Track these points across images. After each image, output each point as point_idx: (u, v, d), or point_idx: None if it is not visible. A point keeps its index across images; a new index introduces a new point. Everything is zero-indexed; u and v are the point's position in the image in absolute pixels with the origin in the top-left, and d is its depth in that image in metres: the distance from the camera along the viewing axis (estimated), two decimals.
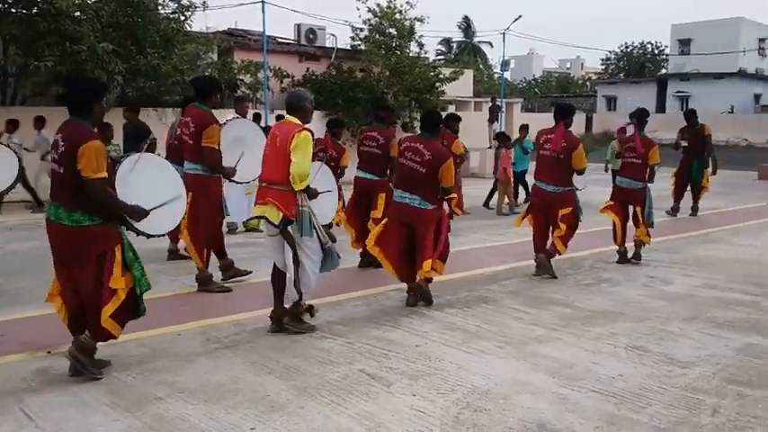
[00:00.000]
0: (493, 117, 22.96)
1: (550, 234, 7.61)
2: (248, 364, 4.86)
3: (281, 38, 21.50)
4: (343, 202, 8.40)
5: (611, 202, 8.51)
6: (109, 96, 14.62)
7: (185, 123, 6.65)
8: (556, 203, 7.45)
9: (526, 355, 5.06)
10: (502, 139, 13.82)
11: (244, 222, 9.54)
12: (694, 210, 12.82)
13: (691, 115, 12.91)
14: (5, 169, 7.44)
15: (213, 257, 6.97)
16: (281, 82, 18.86)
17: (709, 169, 12.84)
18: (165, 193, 4.81)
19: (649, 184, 8.40)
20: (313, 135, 5.31)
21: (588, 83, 60.35)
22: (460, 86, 24.22)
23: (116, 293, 4.35)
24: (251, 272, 7.26)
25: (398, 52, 19.87)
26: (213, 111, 6.63)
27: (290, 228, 5.26)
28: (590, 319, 5.99)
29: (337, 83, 19.39)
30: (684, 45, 48.00)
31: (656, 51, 56.11)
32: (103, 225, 4.34)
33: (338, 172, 8.32)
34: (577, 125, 34.87)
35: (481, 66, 56.40)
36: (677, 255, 8.92)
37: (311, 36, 21.20)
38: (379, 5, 20.16)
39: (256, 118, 13.76)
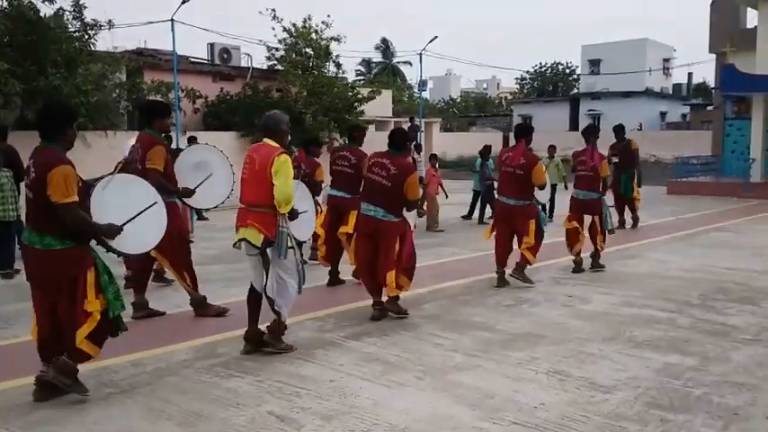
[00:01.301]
0: (412, 137, 22.96)
1: (517, 247, 7.99)
2: (145, 410, 4.43)
3: (193, 58, 20.94)
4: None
5: (570, 214, 8.98)
6: (7, 118, 13.79)
7: (136, 149, 6.56)
8: (519, 216, 7.83)
9: (446, 385, 4.83)
10: (432, 158, 14.98)
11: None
12: (635, 221, 13.38)
13: (619, 131, 13.33)
14: None
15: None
16: (194, 102, 18.26)
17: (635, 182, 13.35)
18: (138, 206, 4.79)
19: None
20: (291, 156, 5.44)
21: (504, 102, 61.81)
22: (380, 106, 24.21)
23: (91, 315, 4.40)
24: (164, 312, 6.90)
25: (316, 72, 19.64)
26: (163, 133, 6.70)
27: (268, 250, 5.31)
28: (510, 342, 5.83)
29: (253, 103, 18.94)
30: (594, 65, 49.80)
31: (568, 71, 58.03)
32: (75, 249, 4.38)
33: (315, 187, 8.49)
34: (495, 144, 35.48)
35: (401, 85, 56.95)
36: (594, 272, 8.92)
37: (225, 56, 20.72)
38: (294, 25, 19.92)
39: (192, 140, 13.26)
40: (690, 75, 51.19)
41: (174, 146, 12.57)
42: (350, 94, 19.97)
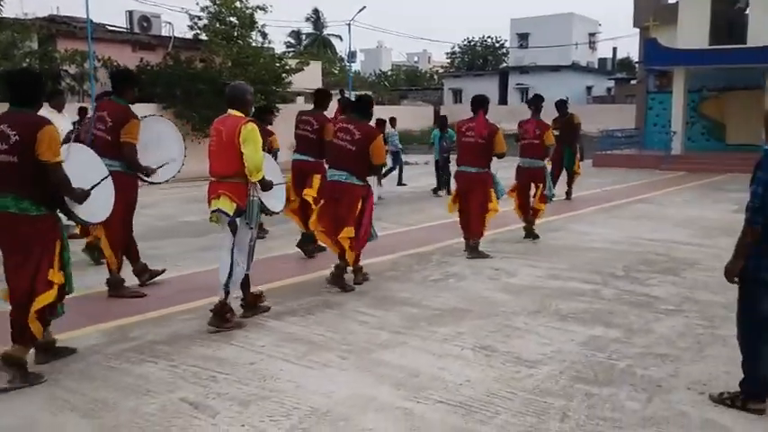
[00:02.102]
0: (342, 109, 22.60)
1: (476, 215, 8.12)
2: (48, 400, 4.13)
3: (111, 26, 19.97)
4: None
5: (516, 183, 9.30)
6: None
7: (100, 118, 6.31)
8: (479, 184, 8.06)
9: (370, 364, 4.67)
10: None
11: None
12: (569, 194, 13.60)
13: (561, 105, 13.38)
14: None
15: None
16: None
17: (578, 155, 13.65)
18: (92, 175, 4.91)
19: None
20: (259, 126, 5.45)
21: (436, 76, 61.84)
22: (309, 78, 23.71)
23: (51, 287, 4.37)
24: (164, 269, 7.08)
25: (241, 42, 19.01)
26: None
27: (237, 219, 5.33)
28: (437, 318, 5.72)
29: (175, 73, 18.20)
30: (523, 39, 50.36)
31: (497, 45, 58.45)
32: (48, 216, 4.41)
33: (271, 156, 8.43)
34: (426, 118, 35.46)
35: (332, 58, 56.18)
36: (521, 245, 8.95)
37: (145, 24, 19.86)
38: None
39: (82, 112, 12.51)
40: (614, 49, 52.59)
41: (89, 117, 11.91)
42: (277, 65, 19.43)
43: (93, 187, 4.77)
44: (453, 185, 10.71)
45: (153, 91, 17.78)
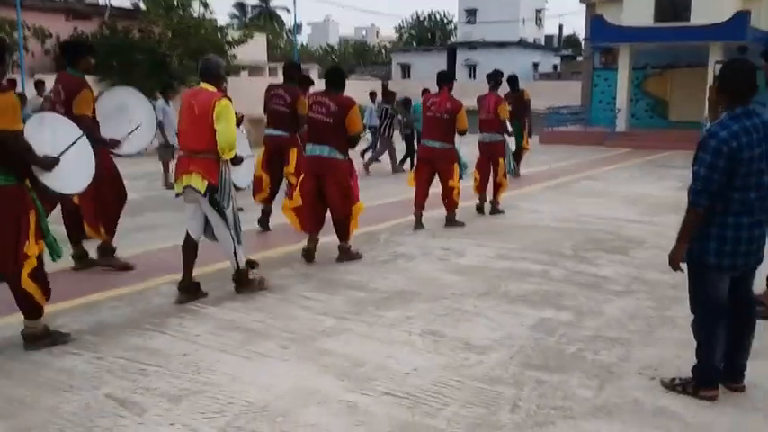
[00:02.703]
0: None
1: (441, 195, 8.36)
2: None
3: None
4: None
5: (480, 158, 9.38)
6: None
7: (56, 91, 6.02)
8: (441, 160, 8.15)
9: (313, 353, 4.43)
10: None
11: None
12: (517, 171, 13.29)
13: (512, 81, 13.21)
14: None
15: None
16: (43, 43, 16.54)
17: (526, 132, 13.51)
18: (66, 142, 4.84)
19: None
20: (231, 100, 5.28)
21: (384, 51, 61.34)
22: (254, 51, 23.10)
23: (28, 259, 4.30)
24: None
25: (181, 12, 18.28)
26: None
27: (216, 196, 5.25)
28: (384, 302, 5.50)
29: (111, 44, 17.39)
30: (471, 15, 50.18)
31: (445, 20, 58.23)
32: (18, 186, 4.30)
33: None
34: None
35: (278, 31, 55.09)
36: (470, 224, 8.75)
37: None
38: None
39: (11, 84, 11.80)
40: (561, 26, 52.90)
41: (18, 90, 11.23)
42: (218, 36, 18.77)
43: (62, 153, 4.65)
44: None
45: None
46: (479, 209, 9.36)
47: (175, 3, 18.22)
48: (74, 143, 4.89)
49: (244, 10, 60.52)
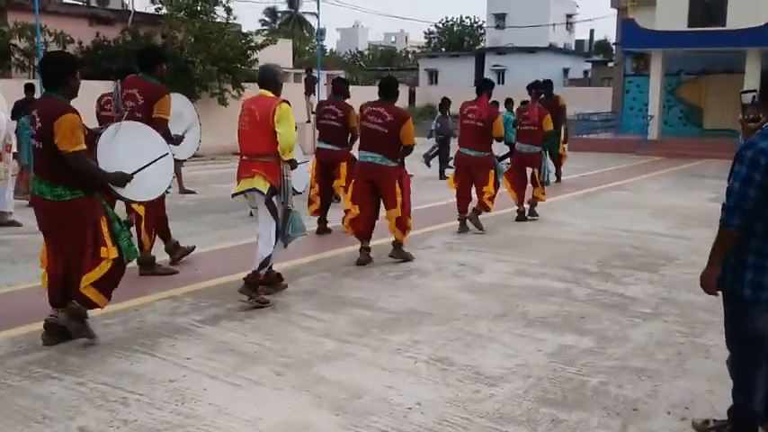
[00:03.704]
0: (309, 89, 21.80)
1: (475, 195, 8.49)
2: None
3: None
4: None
5: (511, 168, 9.54)
6: None
7: (130, 96, 6.12)
8: (479, 167, 8.29)
9: (309, 382, 4.08)
10: None
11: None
12: (558, 177, 13.31)
13: (547, 86, 12.71)
14: None
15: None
16: (64, 48, 16.49)
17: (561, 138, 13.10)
18: (148, 155, 4.85)
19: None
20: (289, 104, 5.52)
21: (411, 56, 61.00)
22: (279, 57, 22.89)
23: (101, 263, 4.40)
24: (194, 246, 7.02)
25: (204, 17, 18.13)
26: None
27: (273, 198, 5.44)
28: (391, 323, 5.13)
29: (134, 49, 17.26)
30: (500, 19, 49.63)
31: (474, 26, 57.67)
32: (85, 198, 4.38)
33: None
34: (401, 99, 34.73)
35: (307, 37, 55.12)
36: (490, 236, 8.37)
37: None
38: None
39: (29, 89, 11.72)
40: (592, 31, 52.05)
41: (37, 95, 11.11)
42: (242, 41, 18.58)
43: (138, 170, 4.68)
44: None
45: (109, 67, 16.88)
46: (521, 214, 9.34)
47: (198, 8, 18.09)
48: (155, 161, 4.89)
49: (274, 16, 60.68)
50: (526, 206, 9.42)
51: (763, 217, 3.04)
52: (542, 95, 9.69)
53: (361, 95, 14.02)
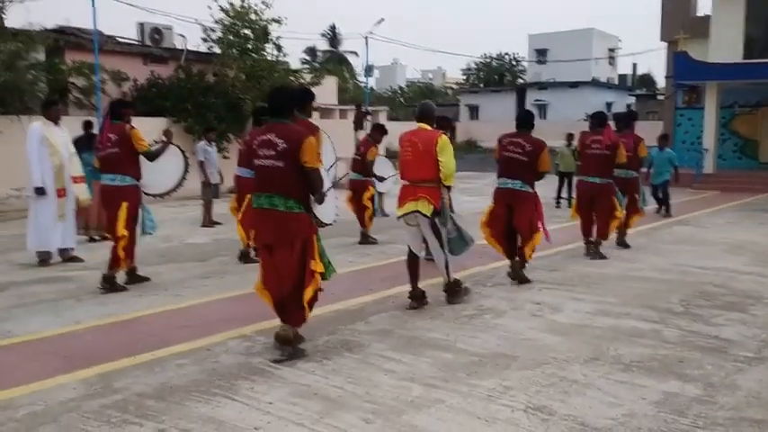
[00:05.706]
0: (359, 123, 21.79)
1: (596, 224, 9.04)
2: None
3: (121, 38, 19.33)
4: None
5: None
6: None
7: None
8: (603, 193, 8.87)
9: (401, 430, 3.81)
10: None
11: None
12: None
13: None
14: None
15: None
16: (120, 85, 16.76)
17: None
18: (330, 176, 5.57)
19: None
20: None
21: (450, 92, 61.18)
22: (324, 93, 23.00)
23: (315, 277, 4.87)
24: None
25: (255, 55, 18.31)
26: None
27: (436, 219, 6.18)
28: (476, 366, 4.84)
29: (187, 87, 17.50)
30: (541, 55, 49.57)
31: (514, 61, 57.69)
32: (306, 213, 4.92)
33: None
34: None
35: (347, 75, 55.72)
36: (558, 272, 8.06)
37: (156, 36, 19.21)
38: (231, 4, 18.55)
39: (87, 125, 11.83)
40: (635, 65, 51.64)
41: (95, 131, 11.20)
42: (291, 78, 18.69)
43: (329, 189, 5.20)
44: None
45: (163, 104, 17.10)
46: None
47: (249, 46, 18.29)
48: (334, 185, 5.53)
49: (314, 54, 61.53)
50: (612, 236, 9.47)
51: None
52: (630, 126, 10.24)
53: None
